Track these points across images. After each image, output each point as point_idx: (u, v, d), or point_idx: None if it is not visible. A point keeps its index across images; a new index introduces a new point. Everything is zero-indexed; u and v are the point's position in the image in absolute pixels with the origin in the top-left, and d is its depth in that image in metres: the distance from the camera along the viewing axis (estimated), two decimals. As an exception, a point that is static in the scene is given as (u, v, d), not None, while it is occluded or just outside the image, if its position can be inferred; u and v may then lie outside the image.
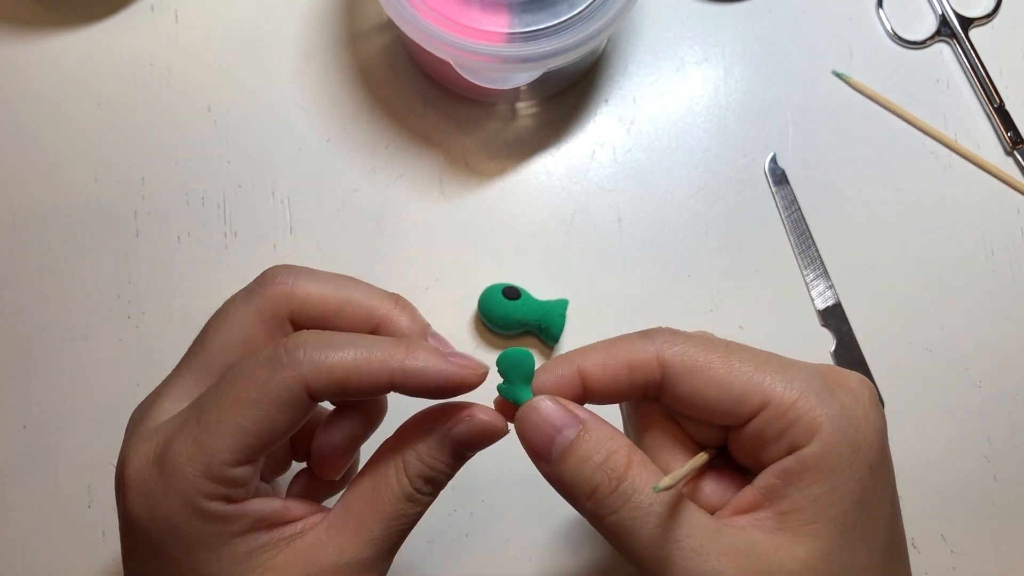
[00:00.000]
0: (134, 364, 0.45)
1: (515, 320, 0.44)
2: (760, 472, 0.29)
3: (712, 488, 0.31)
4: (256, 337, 0.31)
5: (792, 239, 0.47)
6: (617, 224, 0.47)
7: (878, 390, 0.45)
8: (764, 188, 0.48)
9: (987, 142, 0.49)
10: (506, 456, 0.45)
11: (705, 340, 0.30)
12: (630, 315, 0.46)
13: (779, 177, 0.48)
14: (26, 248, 0.46)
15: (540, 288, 0.45)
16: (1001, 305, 0.47)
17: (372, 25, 0.49)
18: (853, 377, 0.30)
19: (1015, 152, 0.48)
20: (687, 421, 0.31)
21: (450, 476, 0.31)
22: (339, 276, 0.32)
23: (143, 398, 0.33)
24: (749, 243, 0.47)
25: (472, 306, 0.46)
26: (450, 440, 0.30)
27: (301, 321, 0.31)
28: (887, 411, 0.45)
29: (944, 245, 0.47)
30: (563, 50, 0.41)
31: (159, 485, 0.28)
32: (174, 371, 0.32)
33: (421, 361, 0.29)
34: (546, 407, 0.29)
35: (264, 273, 0.32)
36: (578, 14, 0.42)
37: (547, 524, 0.43)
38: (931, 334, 0.46)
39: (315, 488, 0.34)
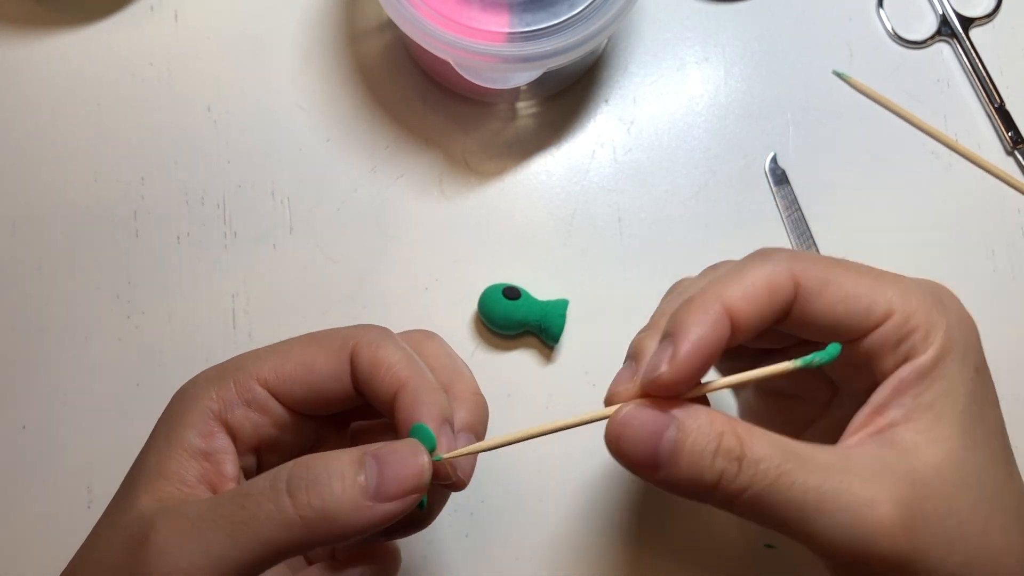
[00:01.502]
0: (134, 364, 0.45)
1: (515, 320, 0.44)
2: (872, 391, 0.29)
3: (823, 429, 0.32)
4: (331, 352, 0.31)
5: (792, 239, 0.47)
6: (617, 224, 0.47)
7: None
8: (764, 188, 0.48)
9: (987, 142, 0.49)
10: (506, 456, 0.45)
11: (820, 258, 0.30)
12: (630, 315, 0.46)
13: (779, 177, 0.48)
14: (26, 248, 0.46)
15: (540, 288, 0.45)
16: (1001, 305, 0.47)
17: (372, 25, 0.49)
18: (947, 289, 0.31)
19: (1015, 152, 0.48)
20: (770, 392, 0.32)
21: (336, 499, 0.26)
22: (459, 358, 0.33)
23: (143, 398, 0.33)
24: (749, 243, 0.47)
25: (472, 306, 0.46)
26: (368, 453, 0.27)
27: (356, 361, 0.31)
28: (887, 411, 0.45)
29: (944, 245, 0.47)
30: (563, 50, 0.41)
31: (203, 377, 0.31)
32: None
33: (430, 402, 0.29)
34: (641, 416, 0.27)
35: (370, 324, 0.32)
36: (578, 14, 0.42)
37: (547, 524, 0.43)
38: (931, 334, 0.46)
39: None
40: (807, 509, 0.26)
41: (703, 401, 0.28)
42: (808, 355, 0.27)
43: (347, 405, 0.31)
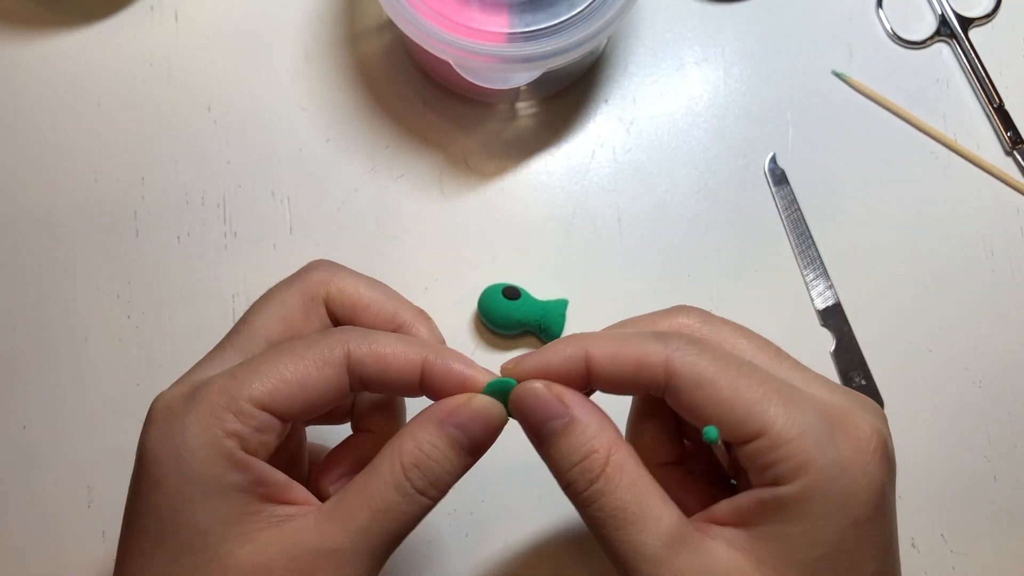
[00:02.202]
0: (134, 364, 0.45)
1: (515, 320, 0.44)
2: (741, 492, 0.29)
3: (694, 492, 0.31)
4: (295, 316, 0.33)
5: (792, 239, 0.47)
6: (617, 224, 0.47)
7: (880, 394, 0.45)
8: (764, 188, 0.48)
9: (987, 142, 0.49)
10: (506, 457, 0.45)
11: (720, 354, 0.29)
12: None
13: (779, 177, 0.48)
14: (26, 248, 0.47)
15: (540, 288, 0.45)
16: (1001, 305, 0.47)
17: (372, 25, 0.49)
18: (865, 425, 0.28)
19: (1015, 152, 0.48)
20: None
21: (450, 473, 0.30)
22: (371, 279, 0.34)
23: (143, 398, 0.33)
24: (749, 243, 0.47)
25: (472, 306, 0.46)
26: (449, 426, 0.30)
27: (334, 308, 0.33)
28: (887, 411, 0.45)
29: (944, 245, 0.47)
30: (563, 50, 0.41)
31: (181, 412, 0.29)
32: (215, 347, 0.33)
33: (451, 358, 0.30)
34: (538, 392, 0.30)
35: (307, 264, 0.34)
36: (578, 14, 0.42)
37: (547, 524, 0.43)
38: (931, 334, 0.46)
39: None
40: (624, 559, 0.28)
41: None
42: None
43: (340, 403, 0.32)
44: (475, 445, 0.30)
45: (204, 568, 0.28)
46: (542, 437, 0.30)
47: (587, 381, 0.30)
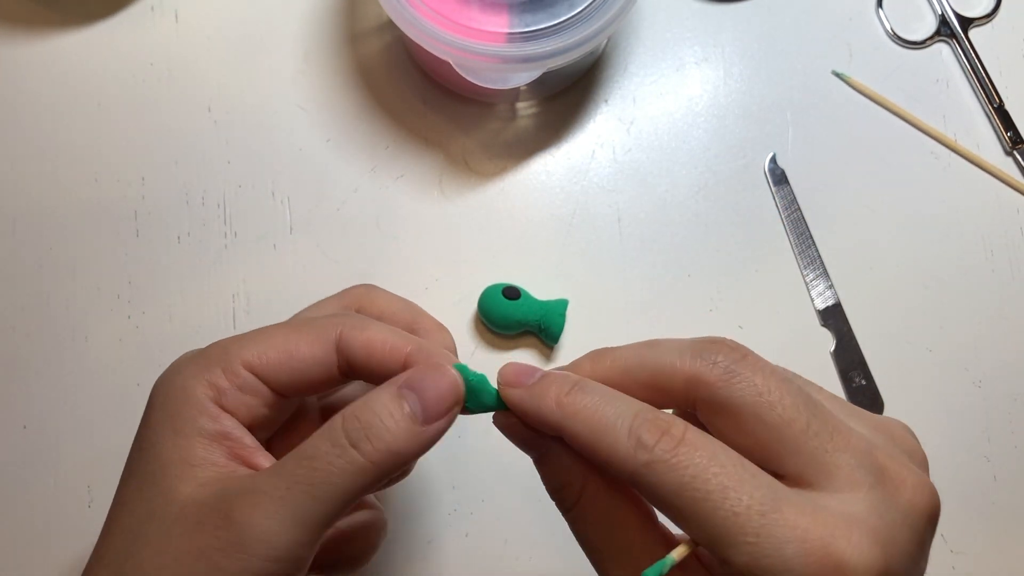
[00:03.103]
0: (134, 364, 0.45)
1: (515, 320, 0.44)
2: None
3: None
4: (330, 311, 0.35)
5: (792, 239, 0.47)
6: (617, 224, 0.47)
7: (879, 394, 0.45)
8: (764, 188, 0.48)
9: (987, 142, 0.49)
10: (506, 456, 0.45)
11: (702, 464, 0.25)
12: (630, 315, 0.46)
13: (779, 177, 0.48)
14: (26, 248, 0.47)
15: (540, 288, 0.45)
16: (1001, 305, 0.47)
17: (372, 25, 0.50)
18: (856, 565, 0.24)
19: (1015, 152, 0.48)
20: None
21: (392, 433, 0.28)
22: (404, 298, 0.36)
23: (143, 398, 0.33)
24: (749, 243, 0.47)
25: (472, 306, 0.46)
26: (402, 386, 0.29)
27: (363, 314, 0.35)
28: (887, 412, 0.45)
29: (944, 245, 0.47)
30: (563, 50, 0.41)
31: (185, 362, 0.31)
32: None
33: (437, 354, 0.31)
34: (514, 427, 0.30)
35: (354, 285, 0.37)
36: (578, 14, 0.42)
37: (547, 524, 0.43)
38: (931, 334, 0.46)
39: None
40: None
41: None
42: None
43: (330, 387, 0.32)
44: (427, 411, 0.29)
45: (156, 498, 0.29)
46: (532, 458, 0.30)
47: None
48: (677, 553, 0.26)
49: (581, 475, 0.29)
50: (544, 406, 0.28)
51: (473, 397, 0.30)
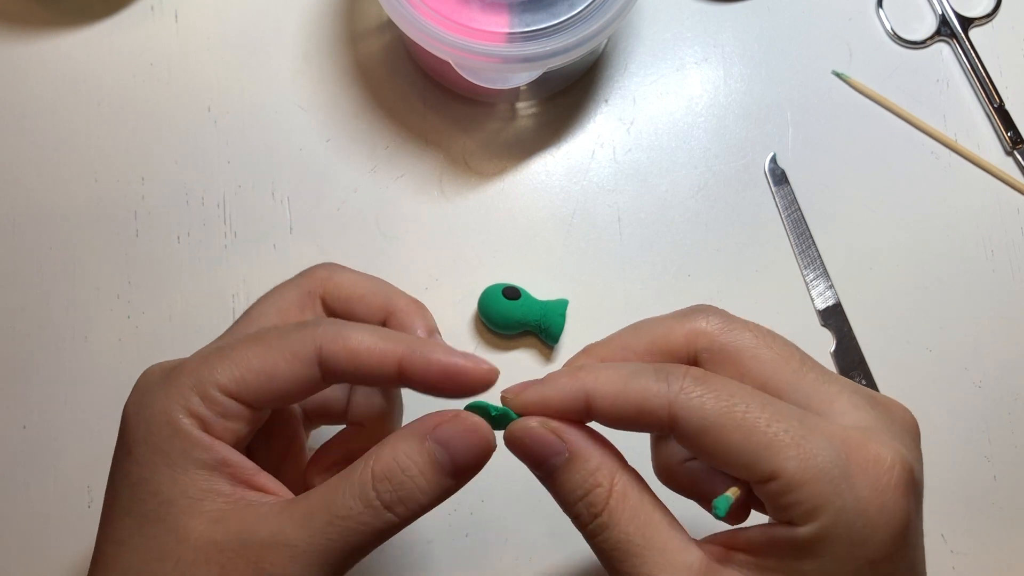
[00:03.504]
0: (134, 364, 0.45)
1: (515, 320, 0.44)
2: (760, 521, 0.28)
3: (723, 481, 0.31)
4: (291, 309, 0.33)
5: (792, 239, 0.47)
6: (617, 224, 0.47)
7: (876, 390, 0.45)
8: (764, 188, 0.48)
9: (987, 142, 0.49)
10: (505, 456, 0.45)
11: (727, 392, 0.27)
12: (630, 315, 0.46)
13: (779, 177, 0.48)
14: (26, 248, 0.47)
15: (540, 288, 0.45)
16: (1001, 305, 0.47)
17: (372, 25, 0.50)
18: (887, 453, 0.27)
19: (1015, 152, 0.48)
20: None
21: (424, 492, 0.28)
22: (370, 275, 0.35)
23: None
24: (749, 243, 0.47)
25: (472, 306, 0.46)
26: (430, 441, 0.28)
27: (330, 302, 0.34)
28: (887, 411, 0.45)
29: (944, 245, 0.47)
30: (563, 50, 0.41)
31: (154, 387, 0.30)
32: (220, 336, 0.34)
33: (430, 348, 0.29)
34: (535, 431, 0.29)
35: (311, 266, 0.35)
36: (578, 14, 0.42)
37: (547, 524, 0.43)
38: (931, 334, 0.46)
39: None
40: None
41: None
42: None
43: (314, 393, 0.31)
44: (457, 466, 0.29)
45: (163, 537, 0.28)
46: (544, 474, 0.29)
47: (587, 418, 0.29)
48: (733, 492, 0.28)
49: (609, 472, 0.28)
50: (561, 385, 0.29)
51: (499, 427, 0.30)
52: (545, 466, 0.29)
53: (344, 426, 0.36)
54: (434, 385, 0.29)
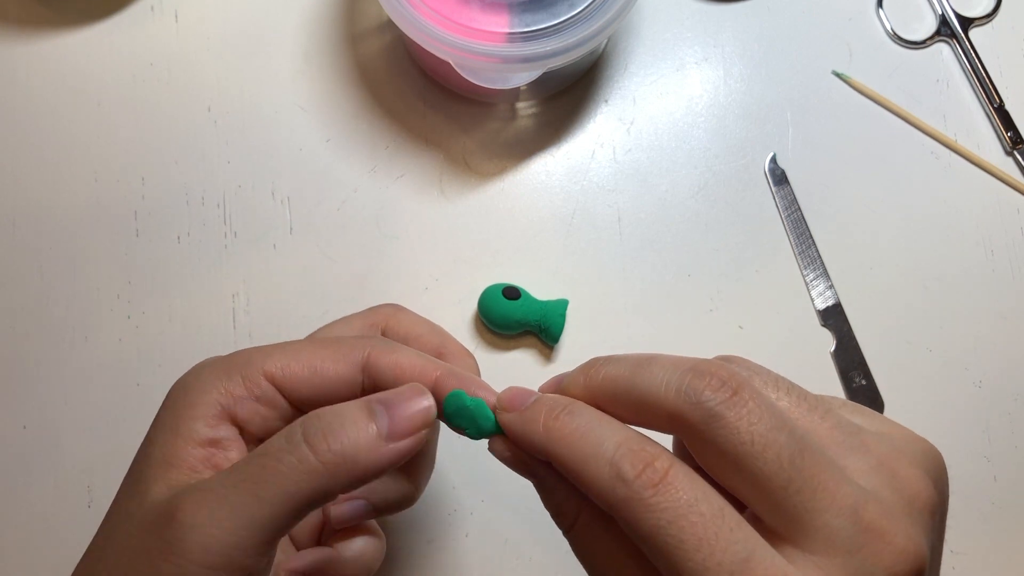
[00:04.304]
0: (134, 364, 0.45)
1: (515, 320, 0.44)
2: None
3: None
4: (356, 330, 0.35)
5: (792, 239, 0.47)
6: (617, 224, 0.47)
7: (879, 393, 0.45)
8: (764, 188, 0.48)
9: (987, 142, 0.49)
10: (506, 456, 0.45)
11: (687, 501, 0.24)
12: (630, 315, 0.46)
13: (779, 177, 0.48)
14: (26, 248, 0.47)
15: (540, 288, 0.45)
16: (1001, 305, 0.47)
17: (372, 25, 0.49)
18: (901, 540, 0.24)
19: (1015, 152, 0.48)
20: None
21: (352, 440, 0.27)
22: (429, 320, 0.36)
23: (143, 398, 0.33)
24: (749, 243, 0.47)
25: (472, 306, 0.46)
26: (374, 402, 0.28)
27: (389, 335, 0.35)
28: (887, 412, 0.45)
29: (944, 245, 0.47)
30: (563, 50, 0.41)
31: (209, 365, 0.30)
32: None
33: (467, 379, 0.30)
34: (507, 454, 0.29)
35: (379, 304, 0.37)
36: (578, 14, 0.42)
37: (547, 524, 0.43)
38: (931, 334, 0.46)
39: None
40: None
41: None
42: None
43: (347, 399, 0.32)
44: (393, 428, 0.28)
45: (133, 496, 0.29)
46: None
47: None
48: None
49: (575, 504, 0.27)
50: (532, 430, 0.27)
51: (472, 423, 0.29)
52: (527, 478, 0.29)
53: None
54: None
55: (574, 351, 0.45)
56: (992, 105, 0.49)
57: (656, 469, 0.24)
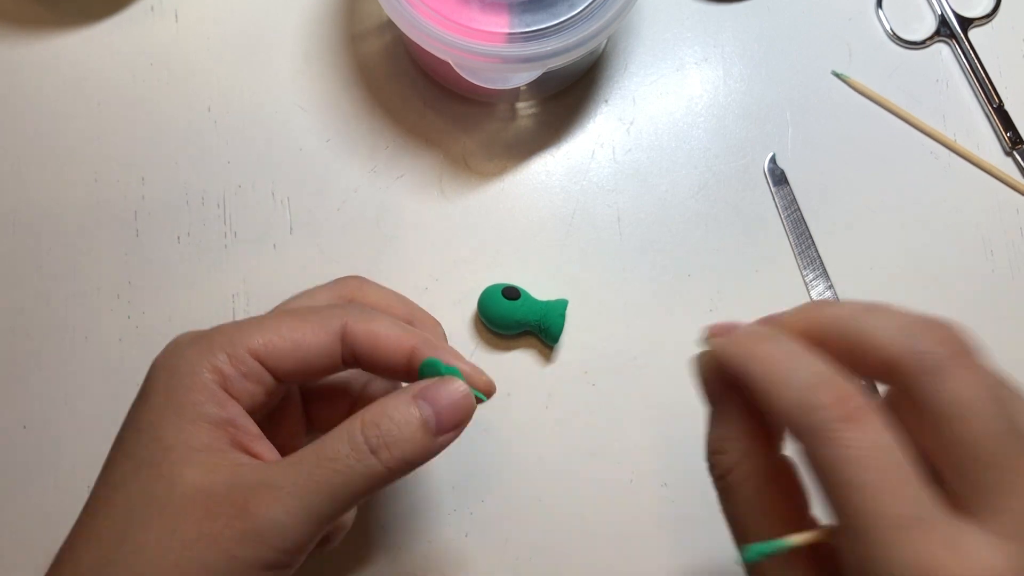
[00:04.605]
0: (134, 364, 0.45)
1: (515, 320, 0.44)
2: None
3: None
4: (322, 302, 0.36)
5: (792, 239, 0.47)
6: (617, 224, 0.47)
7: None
8: (764, 188, 0.48)
9: (986, 142, 0.49)
10: (505, 457, 0.45)
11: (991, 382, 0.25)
12: (630, 315, 0.46)
13: (778, 177, 0.48)
14: (26, 248, 0.47)
15: (540, 288, 0.45)
16: (1001, 305, 0.47)
17: (372, 26, 0.50)
18: None
19: (1014, 152, 0.48)
20: None
21: (408, 442, 0.30)
22: (396, 292, 0.37)
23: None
24: (749, 243, 0.47)
25: (472, 306, 0.46)
26: (420, 400, 0.30)
27: None
28: (887, 411, 0.45)
29: (944, 245, 0.47)
30: (563, 50, 0.41)
31: (188, 344, 0.31)
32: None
33: (441, 348, 0.32)
34: (706, 372, 0.30)
35: (343, 276, 0.37)
36: (578, 14, 0.42)
37: (547, 524, 0.43)
38: (931, 334, 0.46)
39: None
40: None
41: None
42: None
43: (330, 374, 0.33)
44: (441, 423, 0.30)
45: (156, 482, 0.29)
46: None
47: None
48: (796, 539, 0.25)
49: (743, 448, 0.27)
50: (734, 350, 0.27)
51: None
52: (708, 405, 0.29)
53: None
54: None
55: (574, 351, 0.45)
56: (991, 105, 0.49)
57: (848, 405, 0.24)
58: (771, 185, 0.48)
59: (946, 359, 0.24)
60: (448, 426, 0.31)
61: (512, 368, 0.45)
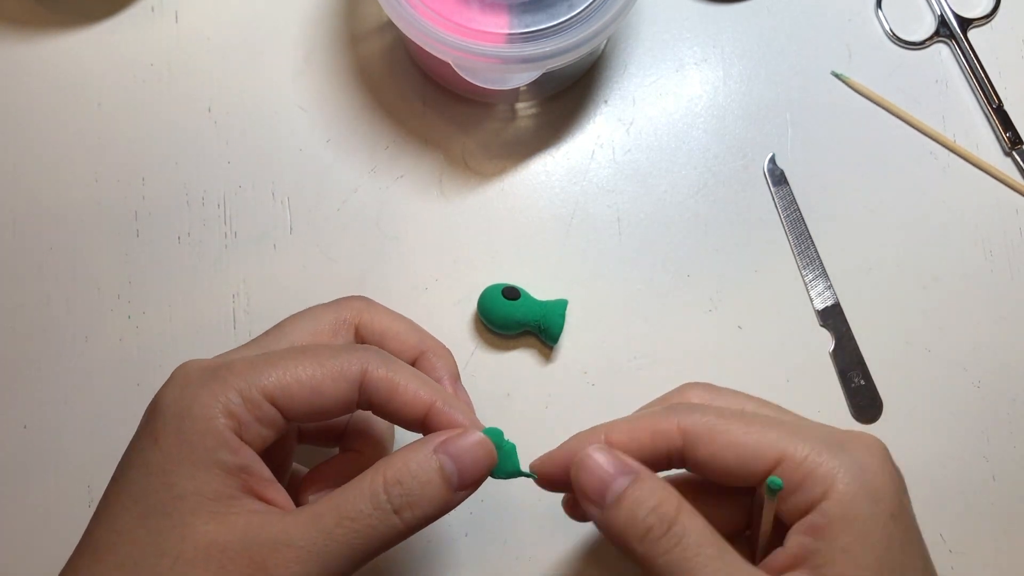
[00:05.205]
0: (134, 364, 0.45)
1: (515, 320, 0.44)
2: (787, 534, 0.30)
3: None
4: (324, 331, 0.34)
5: (791, 239, 0.47)
6: (617, 224, 0.47)
7: (878, 394, 0.45)
8: (763, 188, 0.48)
9: (986, 142, 0.49)
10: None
11: (723, 409, 0.32)
12: (630, 315, 0.46)
13: (778, 177, 0.48)
14: (26, 248, 0.47)
15: (540, 288, 0.45)
16: (1000, 305, 0.47)
17: (372, 26, 0.50)
18: (866, 435, 0.31)
19: (1014, 152, 0.48)
20: (712, 504, 0.32)
21: (431, 501, 0.30)
22: (401, 315, 0.37)
23: (143, 398, 0.33)
24: (748, 243, 0.47)
25: (472, 306, 0.46)
26: (441, 453, 0.30)
27: (364, 334, 0.35)
28: (886, 412, 0.45)
29: (943, 245, 0.47)
30: (563, 51, 0.41)
31: (198, 381, 0.30)
32: (246, 343, 0.35)
33: (458, 409, 0.32)
34: (602, 457, 0.31)
35: (347, 296, 0.37)
36: (578, 15, 0.42)
37: (547, 524, 0.43)
38: (930, 334, 0.46)
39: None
40: None
41: None
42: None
43: (340, 415, 0.32)
44: (463, 479, 0.31)
45: (167, 532, 0.28)
46: (609, 495, 0.30)
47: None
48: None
49: (677, 497, 0.30)
50: (580, 437, 0.33)
51: (501, 465, 0.32)
52: (611, 490, 0.30)
53: (335, 451, 0.37)
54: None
55: (573, 351, 0.45)
56: (991, 106, 0.49)
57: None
58: (771, 185, 0.48)
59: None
60: (469, 481, 0.31)
61: (512, 368, 0.45)
